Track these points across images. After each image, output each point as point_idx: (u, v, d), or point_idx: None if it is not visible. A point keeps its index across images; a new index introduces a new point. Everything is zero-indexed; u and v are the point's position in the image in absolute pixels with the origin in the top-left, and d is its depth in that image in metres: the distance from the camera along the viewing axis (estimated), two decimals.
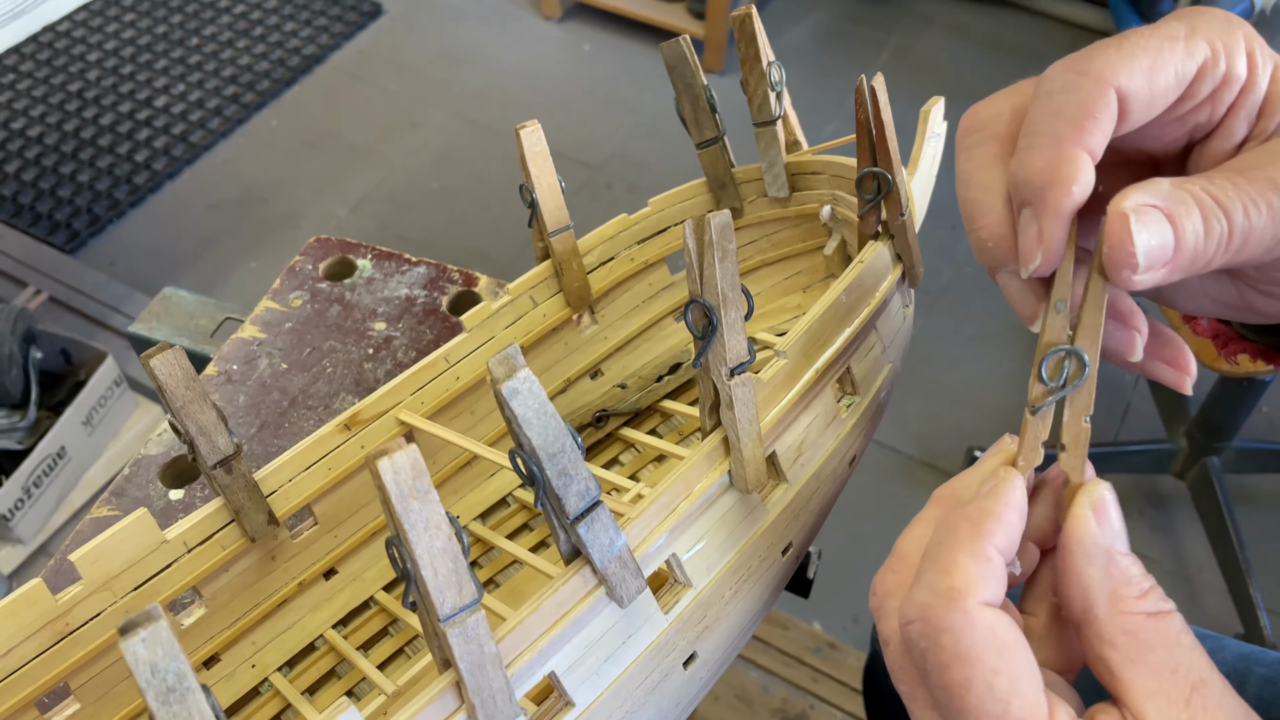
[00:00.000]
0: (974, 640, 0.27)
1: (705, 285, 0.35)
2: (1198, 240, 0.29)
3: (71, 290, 1.86)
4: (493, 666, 0.32)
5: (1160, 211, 0.29)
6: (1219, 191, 0.29)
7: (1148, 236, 0.29)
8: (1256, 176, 0.29)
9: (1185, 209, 0.29)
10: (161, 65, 2.36)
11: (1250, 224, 0.29)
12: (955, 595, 0.27)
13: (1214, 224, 0.29)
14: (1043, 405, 0.32)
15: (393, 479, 0.29)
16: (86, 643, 0.42)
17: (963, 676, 0.27)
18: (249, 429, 0.61)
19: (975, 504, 0.30)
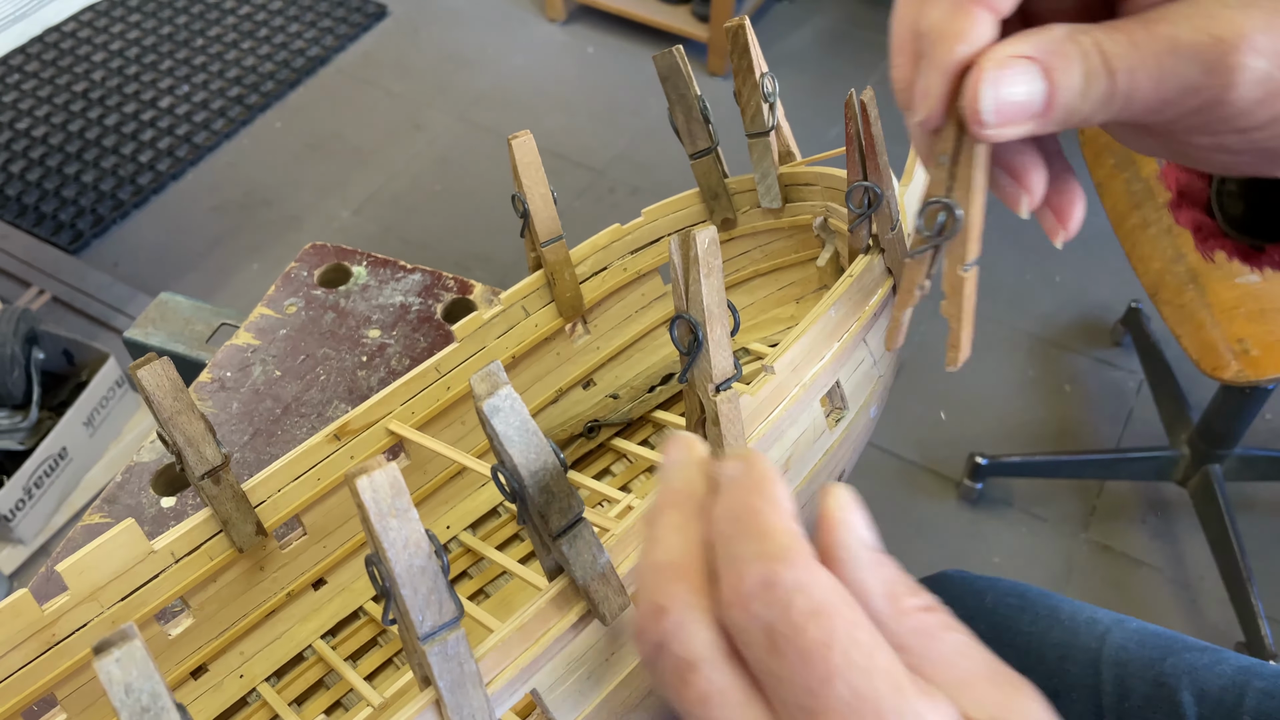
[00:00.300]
0: (826, 593, 0.25)
1: (691, 301, 0.35)
2: (1072, 96, 0.28)
3: (74, 291, 1.86)
4: (472, 685, 0.32)
5: (1035, 64, 0.28)
6: (1113, 47, 0.28)
7: (1010, 90, 0.28)
8: (1159, 33, 0.28)
9: (1066, 63, 0.28)
10: (166, 66, 2.36)
11: (1134, 85, 0.28)
12: (792, 554, 0.25)
13: (1095, 82, 0.28)
14: (917, 251, 0.33)
15: (371, 497, 0.29)
16: (73, 653, 0.42)
17: (823, 634, 0.24)
18: (242, 436, 0.61)
19: (745, 479, 0.27)
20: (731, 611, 0.25)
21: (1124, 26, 0.28)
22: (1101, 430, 1.68)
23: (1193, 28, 0.27)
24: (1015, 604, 0.69)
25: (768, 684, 0.25)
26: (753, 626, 0.25)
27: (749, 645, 0.25)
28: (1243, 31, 0.26)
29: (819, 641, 0.24)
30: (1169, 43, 0.27)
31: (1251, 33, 0.26)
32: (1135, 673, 0.61)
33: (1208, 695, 0.58)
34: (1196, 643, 0.62)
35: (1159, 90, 0.28)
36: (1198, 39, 0.27)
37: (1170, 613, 1.46)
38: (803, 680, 0.24)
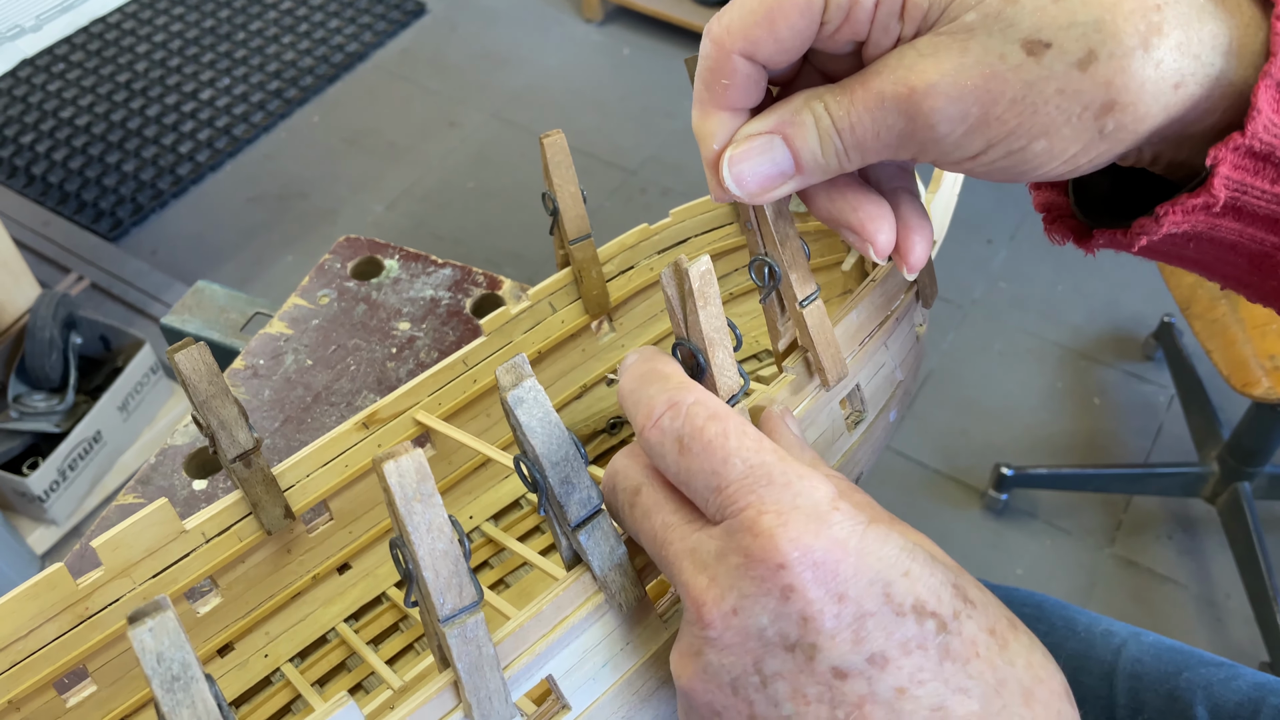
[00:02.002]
0: (717, 404, 0.32)
1: (690, 331, 0.36)
2: (814, 155, 0.33)
3: (113, 278, 1.90)
4: (490, 668, 0.32)
5: (777, 136, 0.33)
6: (836, 108, 0.32)
7: (755, 163, 0.34)
8: (870, 88, 0.32)
9: (801, 130, 0.33)
10: (208, 59, 2.40)
11: (860, 138, 0.32)
12: (688, 385, 0.33)
13: (829, 141, 0.33)
14: (763, 298, 0.41)
15: (397, 481, 0.30)
16: (105, 627, 0.44)
17: (719, 428, 0.31)
18: (273, 423, 0.63)
19: (641, 357, 0.35)
20: (647, 434, 0.32)
21: (848, 84, 0.33)
22: (1130, 444, 1.67)
23: (894, 80, 0.31)
24: (1031, 614, 0.69)
25: (683, 482, 0.32)
26: (665, 440, 0.32)
27: (664, 457, 0.32)
28: (930, 79, 0.30)
29: (717, 433, 0.31)
30: (877, 97, 0.32)
31: (938, 78, 0.30)
32: (1149, 686, 0.61)
33: (1222, 710, 0.58)
34: (1213, 658, 0.62)
35: (881, 139, 0.32)
36: (897, 90, 0.31)
37: (1195, 630, 1.45)
38: (708, 465, 0.31)
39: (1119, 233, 0.35)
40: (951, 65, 0.30)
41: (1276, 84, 0.30)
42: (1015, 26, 0.29)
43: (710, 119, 0.35)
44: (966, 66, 0.30)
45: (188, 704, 0.27)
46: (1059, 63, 0.29)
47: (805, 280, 0.40)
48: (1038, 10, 0.29)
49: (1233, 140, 0.31)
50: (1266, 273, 0.36)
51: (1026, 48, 0.29)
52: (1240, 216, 0.33)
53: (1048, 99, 0.30)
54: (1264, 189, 0.32)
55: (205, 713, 0.27)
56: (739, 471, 0.30)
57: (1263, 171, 0.31)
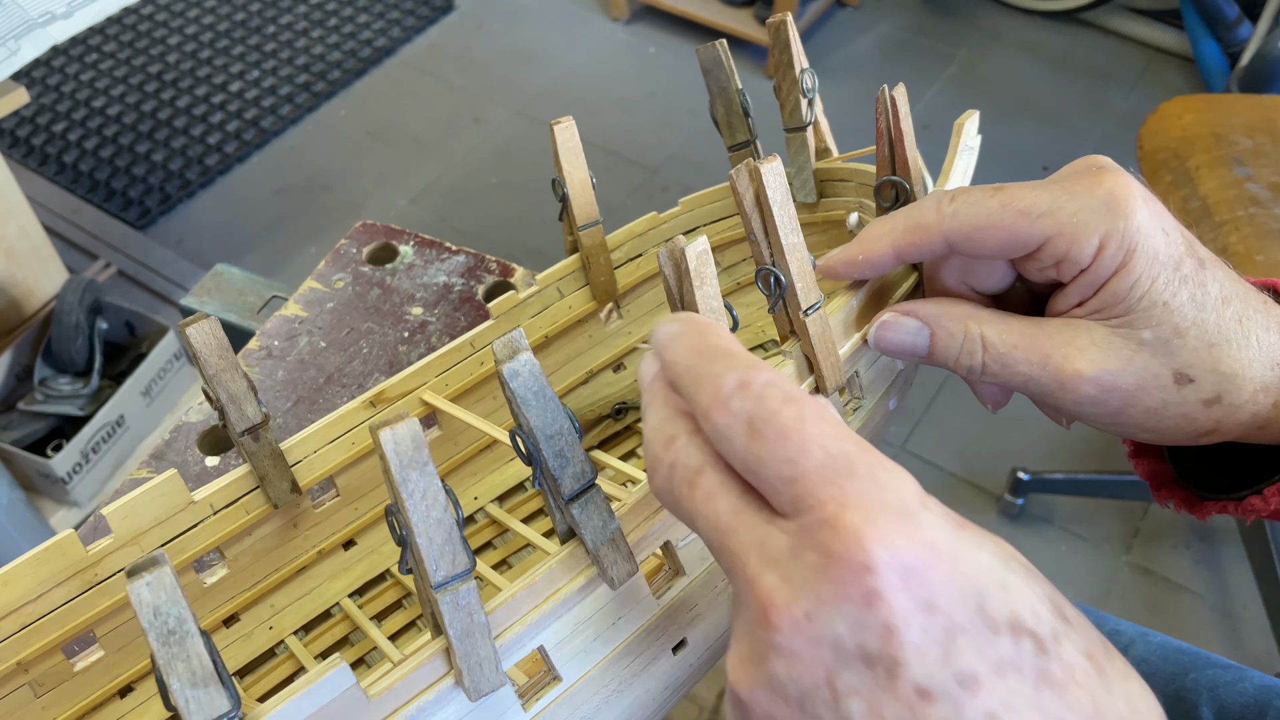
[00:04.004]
0: (793, 387, 0.29)
1: (686, 308, 0.36)
2: (949, 359, 0.40)
3: (139, 265, 1.92)
4: (481, 635, 0.33)
5: (928, 330, 0.40)
6: (997, 341, 0.39)
7: (898, 335, 0.41)
8: (1037, 346, 0.38)
9: (951, 341, 0.39)
10: (238, 51, 2.43)
11: (1000, 374, 0.39)
12: (759, 364, 0.30)
13: (970, 360, 0.39)
14: (771, 308, 0.42)
15: (393, 449, 0.31)
16: (113, 593, 0.45)
17: (796, 412, 0.28)
18: (285, 403, 0.63)
19: (690, 328, 0.32)
20: (713, 415, 0.29)
21: (1016, 328, 0.39)
22: None
23: (1063, 355, 0.38)
24: None
25: (751, 470, 0.29)
26: (734, 422, 0.29)
27: (731, 441, 0.29)
28: (1096, 371, 0.37)
29: (794, 417, 0.28)
30: (1042, 359, 0.38)
31: (1102, 373, 0.37)
32: (1155, 686, 0.61)
33: (1228, 712, 0.58)
34: (1220, 660, 0.62)
35: (1018, 381, 0.39)
36: (1063, 366, 0.38)
37: (1211, 640, 1.44)
38: (782, 453, 0.28)
39: (1231, 504, 0.42)
40: (1116, 366, 0.37)
41: None
42: (1174, 357, 0.37)
43: (882, 254, 0.40)
44: (1126, 372, 0.37)
45: (183, 657, 0.28)
46: (1193, 395, 0.37)
47: (810, 289, 0.40)
48: (1194, 350, 0.37)
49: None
50: None
51: (1175, 376, 0.37)
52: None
53: (1173, 418, 0.38)
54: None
55: (200, 666, 0.28)
56: (818, 460, 0.27)
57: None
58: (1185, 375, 0.37)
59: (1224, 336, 0.37)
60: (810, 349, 0.41)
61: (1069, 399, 0.38)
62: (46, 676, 0.44)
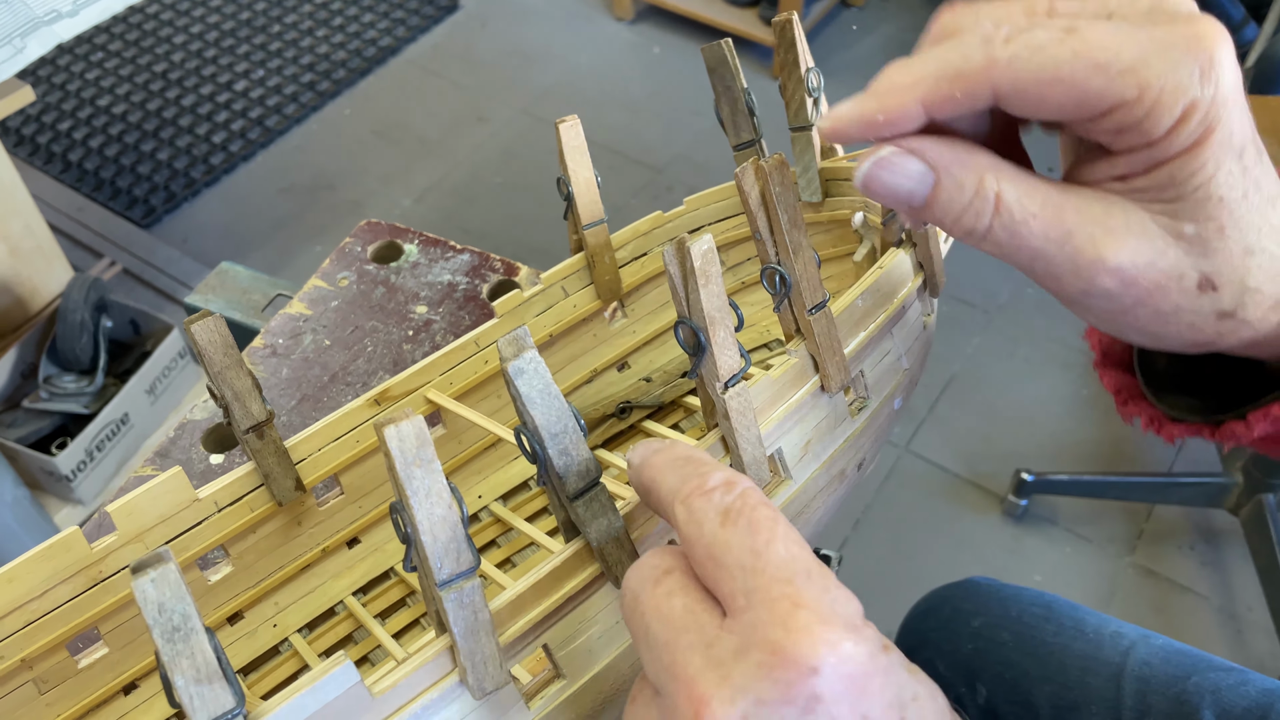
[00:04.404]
0: (769, 501, 0.30)
1: (692, 309, 0.36)
2: (949, 213, 0.32)
3: (144, 264, 1.92)
4: (485, 633, 0.33)
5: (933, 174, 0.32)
6: (1012, 202, 0.31)
7: (895, 176, 0.32)
8: (1062, 218, 0.31)
9: (959, 192, 0.32)
10: (243, 50, 2.43)
11: (1012, 243, 0.32)
12: (740, 475, 0.31)
13: (970, 216, 0.32)
14: (777, 307, 0.41)
15: (398, 446, 0.31)
16: (117, 591, 0.45)
17: (771, 514, 0.29)
18: (290, 401, 0.64)
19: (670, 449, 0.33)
20: (692, 499, 0.30)
21: (1043, 191, 0.32)
22: (1154, 453, 1.65)
23: (1090, 235, 0.31)
24: (1040, 614, 0.69)
25: (714, 555, 0.29)
26: (710, 509, 0.30)
27: (701, 525, 0.30)
28: (1121, 260, 0.31)
29: (767, 518, 0.29)
30: (1063, 234, 0.31)
31: (1127, 264, 0.31)
32: (1157, 689, 0.61)
33: (1230, 715, 0.58)
34: (1222, 663, 0.62)
35: (1031, 262, 0.32)
36: (1085, 248, 0.31)
37: (1215, 642, 1.44)
38: (749, 542, 0.28)
39: (1206, 428, 0.38)
40: (1145, 259, 0.31)
41: None
42: (1208, 259, 0.31)
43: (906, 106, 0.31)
44: (1154, 267, 0.31)
45: (187, 654, 0.28)
46: (1209, 306, 0.32)
47: (815, 288, 0.40)
48: (1229, 256, 0.31)
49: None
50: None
51: (1200, 281, 0.32)
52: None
53: (1180, 322, 0.33)
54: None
55: (204, 663, 0.28)
56: (781, 557, 0.28)
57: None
58: (1211, 282, 0.32)
59: (1261, 245, 0.31)
60: (815, 348, 0.41)
61: (1078, 287, 0.32)
62: (51, 673, 0.44)
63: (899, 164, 0.32)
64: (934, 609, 0.74)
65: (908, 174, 0.32)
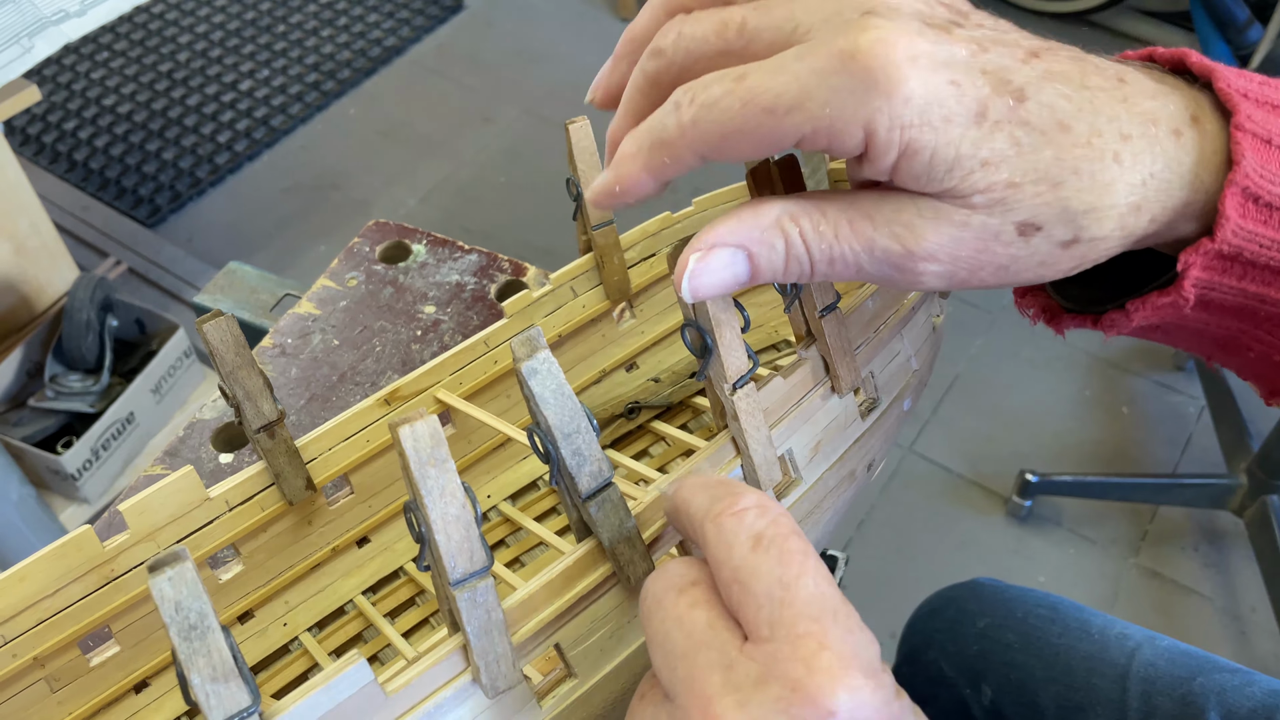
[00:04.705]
0: (802, 532, 0.31)
1: (698, 311, 0.36)
2: (775, 273, 0.32)
3: (149, 263, 1.93)
4: (498, 632, 0.33)
5: (740, 250, 0.32)
6: (815, 237, 0.31)
7: (711, 274, 0.32)
8: (860, 232, 0.31)
9: (769, 250, 0.32)
10: (248, 50, 2.43)
11: (833, 271, 0.32)
12: (774, 501, 0.32)
13: (794, 265, 0.32)
14: (787, 308, 0.41)
15: (412, 446, 0.31)
16: (129, 589, 0.45)
17: (803, 546, 0.30)
18: (299, 400, 0.64)
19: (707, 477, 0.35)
20: (724, 519, 0.31)
21: (830, 213, 0.31)
22: (1158, 455, 1.65)
23: (889, 235, 0.31)
24: (1045, 615, 0.69)
25: (741, 579, 0.29)
26: (742, 531, 0.30)
27: (731, 547, 0.30)
28: (929, 246, 0.31)
29: (799, 549, 0.29)
30: (867, 244, 0.31)
31: (936, 247, 0.31)
32: (1162, 690, 0.61)
33: (1236, 716, 0.58)
34: (1228, 664, 0.62)
35: (858, 276, 0.32)
36: (892, 248, 0.31)
37: (1219, 643, 1.44)
38: (779, 573, 0.29)
39: (1089, 319, 0.37)
40: (950, 236, 0.31)
41: (1241, 190, 0.31)
42: (1014, 211, 0.30)
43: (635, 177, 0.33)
44: (964, 240, 0.31)
45: (204, 652, 0.28)
46: (1045, 243, 0.31)
47: (826, 290, 0.40)
48: (1036, 196, 0.30)
49: (1202, 246, 0.32)
50: (1232, 352, 0.38)
51: (1019, 229, 0.31)
52: (1208, 309, 0.35)
53: (1028, 268, 0.32)
54: (1231, 285, 0.33)
55: (220, 661, 0.28)
56: (809, 593, 0.28)
57: (1230, 270, 0.33)
58: (1031, 225, 0.31)
59: (1069, 169, 0.30)
60: (826, 349, 0.41)
61: (912, 281, 0.32)
62: (63, 671, 0.45)
63: (708, 263, 0.32)
64: (939, 610, 0.74)
65: (721, 265, 0.32)
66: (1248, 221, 0.32)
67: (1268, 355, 0.36)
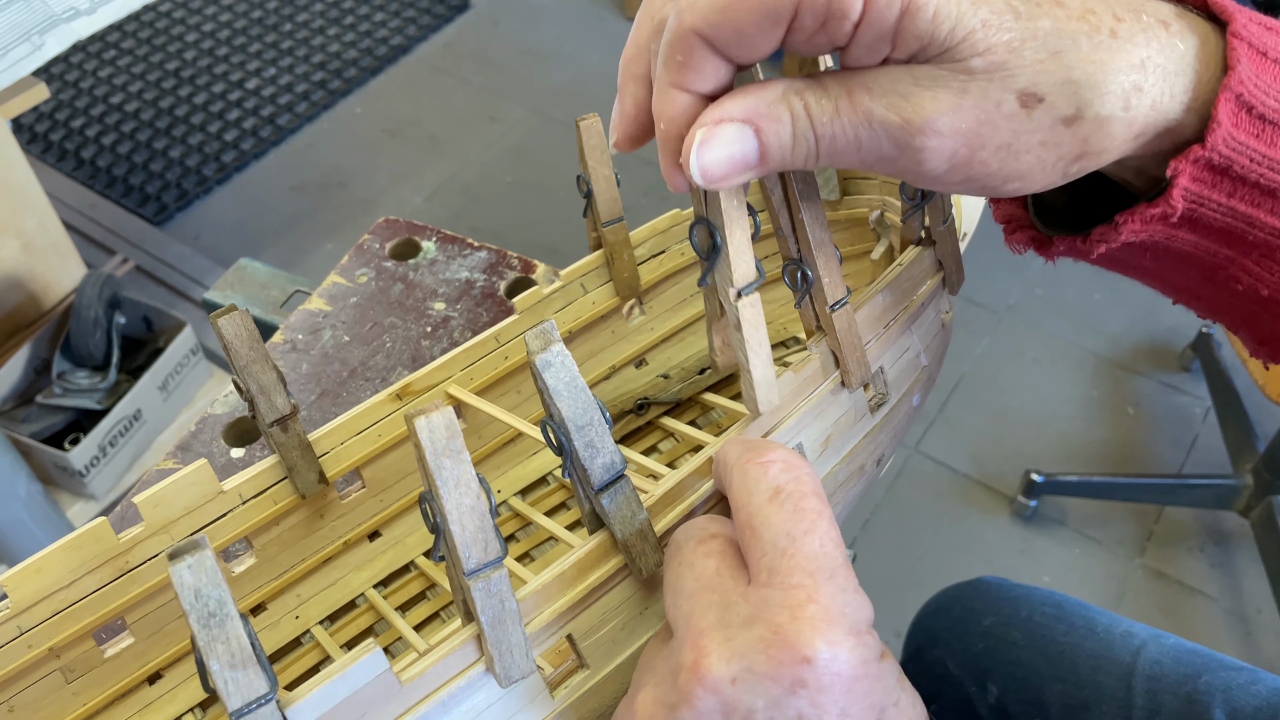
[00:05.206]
0: (820, 491, 0.33)
1: (710, 206, 0.35)
2: (783, 151, 0.32)
3: (157, 261, 1.93)
4: (512, 622, 0.33)
5: (747, 125, 0.31)
6: (819, 112, 0.31)
7: (720, 150, 0.31)
8: (859, 105, 0.30)
9: (775, 125, 0.31)
10: (255, 49, 2.44)
11: (836, 149, 0.31)
12: (802, 462, 0.33)
13: (801, 142, 0.31)
14: (798, 302, 0.41)
15: (428, 437, 0.31)
16: (144, 581, 0.45)
17: (819, 506, 0.32)
18: (309, 396, 0.64)
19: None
20: (750, 467, 0.33)
21: (831, 88, 0.31)
22: (1164, 455, 1.65)
23: (887, 105, 0.30)
24: (1051, 613, 0.69)
25: (754, 525, 0.31)
26: (763, 480, 0.32)
27: (750, 493, 0.32)
28: (927, 115, 0.30)
29: (814, 509, 0.31)
30: (865, 116, 0.30)
31: (935, 116, 0.30)
32: (1168, 688, 0.61)
33: (1241, 715, 0.58)
34: (1233, 662, 0.62)
35: (860, 155, 0.31)
36: (889, 119, 0.30)
37: (1224, 644, 1.44)
38: (788, 526, 0.31)
39: (1078, 240, 0.37)
40: (949, 104, 0.30)
41: (1235, 97, 0.31)
42: (1015, 77, 0.30)
43: (668, 99, 0.32)
44: (964, 109, 0.30)
45: (222, 639, 0.29)
46: (1047, 117, 0.30)
47: (837, 285, 0.40)
48: (1037, 63, 0.30)
49: (1192, 153, 0.32)
50: (1219, 285, 0.37)
51: (1021, 99, 0.30)
52: (1196, 228, 0.34)
53: (1030, 148, 0.31)
54: (1220, 202, 0.33)
55: (239, 648, 0.29)
56: (812, 548, 0.30)
57: (1219, 185, 0.33)
58: (1033, 95, 0.30)
59: (1068, 39, 0.30)
60: (836, 344, 0.41)
61: (912, 160, 0.31)
62: (77, 662, 0.45)
63: (717, 135, 0.31)
64: (944, 608, 0.74)
65: (730, 139, 0.31)
66: (1240, 132, 0.32)
67: (1255, 290, 0.36)
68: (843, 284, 0.41)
